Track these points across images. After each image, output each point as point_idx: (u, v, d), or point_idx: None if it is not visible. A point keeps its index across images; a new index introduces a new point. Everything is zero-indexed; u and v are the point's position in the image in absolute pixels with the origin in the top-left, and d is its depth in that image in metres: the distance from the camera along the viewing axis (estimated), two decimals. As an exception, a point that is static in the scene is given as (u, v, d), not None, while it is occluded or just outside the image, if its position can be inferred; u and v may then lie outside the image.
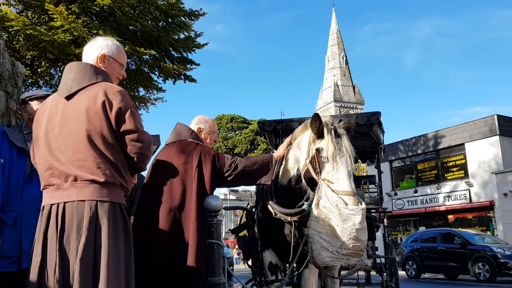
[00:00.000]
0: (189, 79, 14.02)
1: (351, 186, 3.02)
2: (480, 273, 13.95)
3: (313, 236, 3.10)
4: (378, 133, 6.19)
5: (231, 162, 3.10)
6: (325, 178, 3.10)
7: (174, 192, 2.99)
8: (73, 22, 10.43)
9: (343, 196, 2.99)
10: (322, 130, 3.18)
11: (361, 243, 3.00)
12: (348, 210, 2.95)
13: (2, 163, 2.82)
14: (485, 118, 22.83)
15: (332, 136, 3.13)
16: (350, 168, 3.10)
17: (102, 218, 2.10)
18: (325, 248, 3.06)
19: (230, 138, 44.82)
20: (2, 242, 2.62)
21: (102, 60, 2.42)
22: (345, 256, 3.04)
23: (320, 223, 3.08)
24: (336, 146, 3.11)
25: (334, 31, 65.35)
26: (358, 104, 60.65)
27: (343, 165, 3.07)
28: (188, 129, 3.37)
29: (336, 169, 3.07)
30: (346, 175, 3.04)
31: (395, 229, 27.39)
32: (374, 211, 6.68)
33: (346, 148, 3.14)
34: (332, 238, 3.04)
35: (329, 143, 3.11)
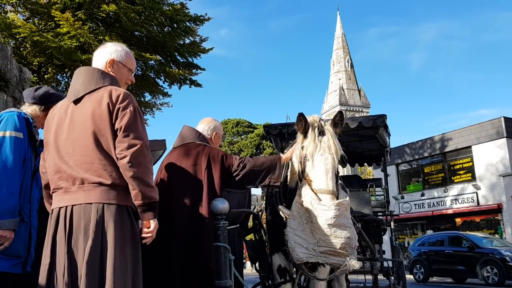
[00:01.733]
0: (195, 83, 14.07)
1: (327, 184, 2.99)
2: (489, 276, 13.84)
3: (288, 233, 3.09)
4: (384, 136, 6.18)
5: (239, 162, 3.11)
6: (307, 177, 3.11)
7: (185, 195, 3.01)
8: (79, 29, 10.51)
9: (319, 194, 2.98)
10: (308, 129, 3.18)
11: (338, 239, 2.93)
12: (321, 205, 2.93)
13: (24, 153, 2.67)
14: (492, 121, 22.72)
15: (315, 135, 3.13)
16: (329, 166, 3.06)
17: (108, 220, 2.11)
18: (300, 245, 3.03)
19: (236, 143, 44.88)
20: (15, 240, 2.54)
21: (111, 65, 2.44)
22: (322, 254, 2.99)
23: (296, 221, 3.08)
24: (319, 144, 3.10)
25: (339, 34, 65.41)
26: (363, 107, 60.60)
27: (322, 163, 3.05)
28: (195, 131, 3.38)
29: (315, 167, 3.06)
30: (323, 173, 3.02)
31: (402, 232, 27.26)
32: (380, 214, 6.67)
33: (329, 146, 3.12)
34: (307, 235, 3.02)
35: (310, 142, 3.12)
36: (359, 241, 5.16)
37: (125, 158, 2.13)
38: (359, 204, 6.06)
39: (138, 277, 2.18)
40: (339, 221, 2.94)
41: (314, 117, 3.28)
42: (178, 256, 2.90)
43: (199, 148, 3.20)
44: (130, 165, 2.12)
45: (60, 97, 3.08)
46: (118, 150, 2.15)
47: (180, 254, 2.91)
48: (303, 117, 3.20)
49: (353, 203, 5.76)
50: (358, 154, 7.89)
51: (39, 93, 2.95)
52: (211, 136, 3.47)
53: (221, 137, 3.63)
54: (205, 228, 2.94)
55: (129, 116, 2.19)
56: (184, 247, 2.92)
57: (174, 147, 3.36)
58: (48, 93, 3.00)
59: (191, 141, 3.29)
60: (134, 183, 2.13)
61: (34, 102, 2.94)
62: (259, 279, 4.38)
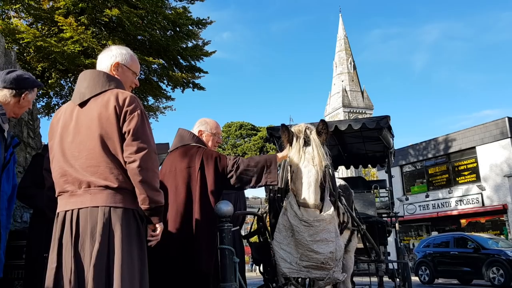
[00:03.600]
0: (198, 87, 14.08)
1: (309, 197, 2.96)
2: (495, 277, 13.76)
3: (274, 246, 3.08)
4: (387, 137, 6.16)
5: (234, 162, 3.08)
6: (292, 187, 3.08)
7: (179, 197, 3.01)
8: (82, 33, 10.53)
9: (301, 208, 2.95)
10: (292, 139, 3.13)
11: (320, 255, 2.92)
12: (302, 222, 2.92)
13: None
14: (496, 121, 22.64)
15: (299, 146, 3.07)
16: (312, 179, 2.99)
17: (115, 224, 2.11)
18: (284, 259, 3.03)
19: (239, 146, 44.88)
20: None
21: (116, 68, 2.44)
22: (305, 269, 2.99)
23: (282, 234, 3.06)
24: (303, 156, 3.03)
25: (342, 36, 65.40)
26: (367, 109, 60.50)
27: (305, 175, 3.00)
28: (190, 133, 3.37)
29: (298, 180, 3.02)
30: (306, 186, 2.98)
31: (407, 234, 27.16)
32: (385, 216, 6.65)
33: (313, 157, 3.04)
34: (292, 248, 3.02)
35: (294, 153, 3.06)
36: (364, 243, 5.17)
37: (134, 162, 2.13)
38: (363, 205, 6.04)
39: (144, 280, 2.18)
40: (321, 236, 2.93)
41: (299, 126, 3.22)
42: (172, 257, 2.90)
43: (193, 150, 3.19)
44: (139, 169, 2.13)
45: (36, 83, 2.93)
46: (127, 153, 2.16)
47: (174, 256, 2.91)
48: (286, 128, 3.15)
49: (358, 204, 5.75)
50: (362, 156, 7.88)
51: (11, 77, 2.75)
52: (199, 135, 3.42)
53: (216, 136, 3.53)
54: (197, 230, 2.92)
55: (137, 120, 2.19)
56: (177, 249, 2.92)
57: (170, 151, 3.36)
58: (21, 77, 2.79)
59: (186, 143, 3.28)
60: (143, 187, 2.14)
61: (5, 87, 2.73)
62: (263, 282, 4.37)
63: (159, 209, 2.23)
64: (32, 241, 3.68)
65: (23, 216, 5.43)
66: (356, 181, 7.48)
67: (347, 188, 5.14)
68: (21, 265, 4.05)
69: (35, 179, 3.71)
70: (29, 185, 3.73)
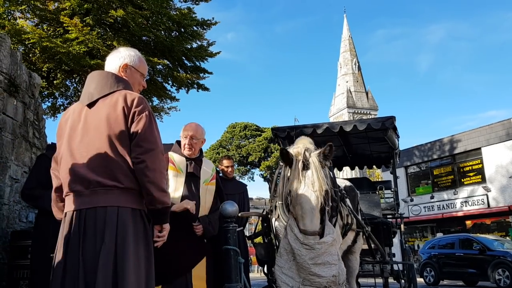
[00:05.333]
0: (202, 87, 14.10)
1: (310, 223, 2.93)
2: (501, 279, 13.66)
3: (276, 271, 3.04)
4: (393, 138, 6.14)
5: None
6: (292, 211, 3.05)
7: None
8: (87, 34, 10.56)
9: (302, 233, 2.93)
10: (292, 161, 3.07)
11: (322, 279, 2.88)
12: (303, 245, 2.90)
13: None
14: (502, 122, 22.51)
15: (299, 170, 3.01)
16: (312, 205, 2.95)
17: (122, 224, 2.11)
18: (286, 283, 3.00)
19: (244, 146, 44.84)
20: None
21: (124, 69, 2.45)
22: None
23: (283, 258, 3.03)
24: (303, 180, 2.98)
25: (346, 37, 65.30)
26: (371, 110, 60.36)
27: (305, 201, 2.95)
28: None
29: (298, 205, 2.97)
30: (306, 212, 2.94)
31: (412, 235, 27.04)
32: (390, 217, 6.62)
33: (313, 181, 2.98)
34: (294, 273, 2.99)
35: (294, 177, 3.01)
36: (369, 245, 5.15)
37: (142, 163, 2.14)
38: (368, 206, 6.03)
39: (151, 281, 2.18)
40: (323, 259, 2.90)
41: (298, 148, 3.15)
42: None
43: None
44: (147, 170, 2.14)
45: None
46: (134, 154, 2.16)
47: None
48: (285, 151, 3.10)
49: (363, 205, 5.73)
50: (367, 156, 7.86)
51: None
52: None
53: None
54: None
55: (145, 121, 2.20)
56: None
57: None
58: None
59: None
60: (150, 188, 2.15)
61: None
62: (267, 283, 4.37)
63: (166, 209, 2.24)
64: (37, 241, 3.69)
65: (28, 216, 5.46)
66: (361, 182, 7.45)
67: (353, 189, 5.13)
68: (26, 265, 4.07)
69: (40, 180, 3.72)
70: (34, 186, 3.74)
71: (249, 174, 46.67)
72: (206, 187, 3.31)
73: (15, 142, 5.29)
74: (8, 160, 5.09)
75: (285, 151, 3.09)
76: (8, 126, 5.11)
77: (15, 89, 5.29)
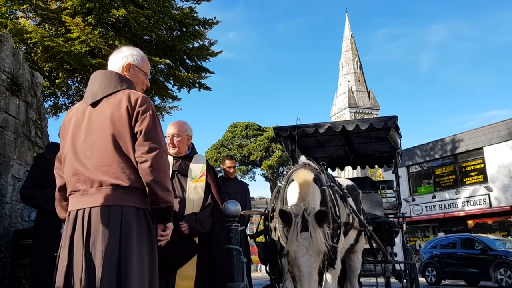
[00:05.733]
0: (204, 87, 14.09)
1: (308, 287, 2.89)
2: (502, 279, 13.65)
3: None
4: (395, 138, 6.13)
5: None
6: (289, 271, 3.02)
7: None
8: (89, 33, 10.56)
9: None
10: (291, 221, 3.02)
11: None
12: None
13: None
14: (504, 121, 22.46)
15: (297, 232, 2.95)
16: (310, 268, 2.91)
17: (126, 223, 2.12)
18: None
19: (245, 146, 44.83)
20: None
21: (128, 69, 2.46)
22: None
23: None
24: (301, 242, 2.92)
25: (348, 36, 65.24)
26: (373, 109, 60.31)
27: (303, 265, 2.91)
28: None
29: (295, 267, 2.94)
30: (304, 276, 2.90)
31: (414, 235, 27.02)
32: (392, 217, 6.61)
33: (310, 243, 2.94)
34: None
35: (292, 238, 2.96)
36: (371, 244, 5.14)
37: (146, 162, 2.15)
38: (370, 206, 6.02)
39: (154, 279, 2.19)
40: None
41: (298, 207, 3.09)
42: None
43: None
44: (151, 169, 2.14)
45: None
46: (139, 153, 2.17)
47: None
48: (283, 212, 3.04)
49: (365, 205, 5.73)
50: (369, 156, 7.85)
51: None
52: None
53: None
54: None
55: (148, 120, 2.21)
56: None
57: None
58: None
59: None
60: (154, 187, 2.15)
61: None
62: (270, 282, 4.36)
63: (169, 209, 2.24)
64: (37, 240, 3.70)
65: (31, 215, 5.46)
66: (363, 181, 7.45)
67: (355, 188, 5.12)
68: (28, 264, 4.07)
69: (37, 180, 3.72)
70: (31, 186, 3.74)
71: (250, 173, 46.68)
72: (194, 184, 3.27)
73: (18, 141, 5.29)
74: (10, 159, 5.10)
75: (284, 212, 3.03)
76: (10, 125, 5.11)
77: (18, 88, 5.30)
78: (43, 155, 3.92)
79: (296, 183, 3.31)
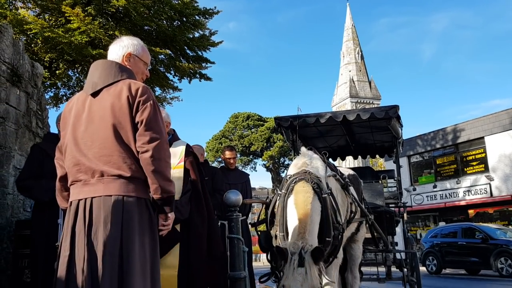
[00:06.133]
0: (205, 77, 14.06)
1: None
2: (503, 268, 13.71)
3: None
4: (396, 127, 6.12)
5: None
6: None
7: None
8: (89, 24, 10.52)
9: None
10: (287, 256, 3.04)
11: None
12: None
13: None
14: (506, 111, 22.38)
15: (293, 268, 2.98)
16: None
17: (128, 213, 2.13)
18: None
19: (246, 136, 44.81)
20: None
21: (128, 58, 2.45)
22: None
23: None
24: (297, 277, 2.95)
25: (349, 26, 64.86)
26: (374, 99, 60.15)
27: None
28: None
29: None
30: None
31: (414, 224, 27.10)
32: (392, 206, 6.62)
33: (305, 279, 2.97)
34: None
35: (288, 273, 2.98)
36: (372, 233, 5.16)
37: (147, 152, 2.15)
38: (372, 195, 6.03)
39: (156, 269, 2.20)
40: None
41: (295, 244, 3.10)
42: None
43: None
44: (152, 159, 2.15)
45: None
46: (140, 143, 2.17)
47: None
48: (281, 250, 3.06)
49: (366, 194, 5.74)
50: (370, 146, 7.85)
51: None
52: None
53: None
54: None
55: (149, 110, 2.21)
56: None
57: None
58: None
59: None
60: (155, 177, 2.16)
61: None
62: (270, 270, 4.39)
63: (170, 198, 2.25)
64: (34, 231, 3.71)
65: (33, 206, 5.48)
66: (364, 171, 7.45)
67: (356, 177, 5.13)
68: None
69: (33, 171, 3.71)
70: (27, 177, 3.73)
71: (251, 164, 46.70)
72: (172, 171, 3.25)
73: (19, 132, 5.30)
74: (11, 150, 5.11)
75: (281, 249, 3.06)
76: (11, 116, 5.11)
77: (18, 79, 5.29)
78: (38, 146, 3.90)
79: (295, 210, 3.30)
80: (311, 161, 3.76)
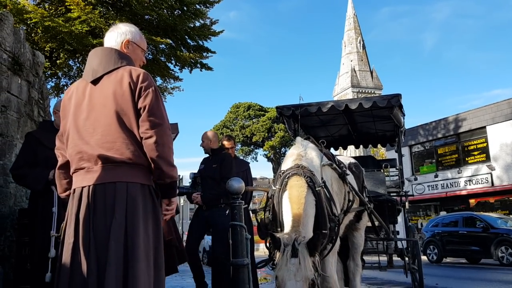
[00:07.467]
0: (205, 67, 14.01)
1: None
2: (503, 256, 13.78)
3: None
4: (398, 116, 6.10)
5: None
6: None
7: None
8: (90, 13, 10.47)
9: None
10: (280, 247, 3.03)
11: None
12: None
13: None
14: (507, 100, 22.34)
15: (286, 259, 2.98)
16: None
17: (132, 199, 2.13)
18: None
19: (248, 127, 44.83)
20: None
21: (127, 45, 2.45)
22: None
23: None
24: (290, 268, 2.94)
25: (351, 15, 64.51)
26: (376, 89, 60.01)
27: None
28: None
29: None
30: None
31: (416, 214, 27.19)
32: (394, 195, 6.63)
33: (298, 269, 2.96)
34: None
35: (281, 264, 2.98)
36: (372, 222, 5.17)
37: (151, 138, 2.16)
38: (374, 184, 6.03)
39: (160, 254, 2.21)
40: None
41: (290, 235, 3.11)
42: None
43: None
44: (156, 145, 2.15)
45: None
46: (143, 129, 2.17)
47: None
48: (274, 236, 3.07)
49: (368, 183, 5.74)
50: (372, 135, 7.83)
51: None
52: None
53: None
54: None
55: (152, 96, 2.21)
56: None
57: None
58: None
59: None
60: (159, 162, 2.17)
61: None
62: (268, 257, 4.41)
63: (174, 184, 2.26)
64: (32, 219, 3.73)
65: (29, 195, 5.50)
66: (366, 160, 7.45)
67: (358, 166, 5.13)
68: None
69: (27, 159, 3.70)
70: (21, 165, 3.73)
71: (252, 154, 46.79)
72: None
73: (21, 121, 5.29)
74: (14, 138, 5.10)
75: (273, 236, 3.07)
76: (13, 104, 5.10)
77: (19, 67, 5.27)
78: (32, 134, 3.88)
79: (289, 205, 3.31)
80: (305, 151, 3.76)
